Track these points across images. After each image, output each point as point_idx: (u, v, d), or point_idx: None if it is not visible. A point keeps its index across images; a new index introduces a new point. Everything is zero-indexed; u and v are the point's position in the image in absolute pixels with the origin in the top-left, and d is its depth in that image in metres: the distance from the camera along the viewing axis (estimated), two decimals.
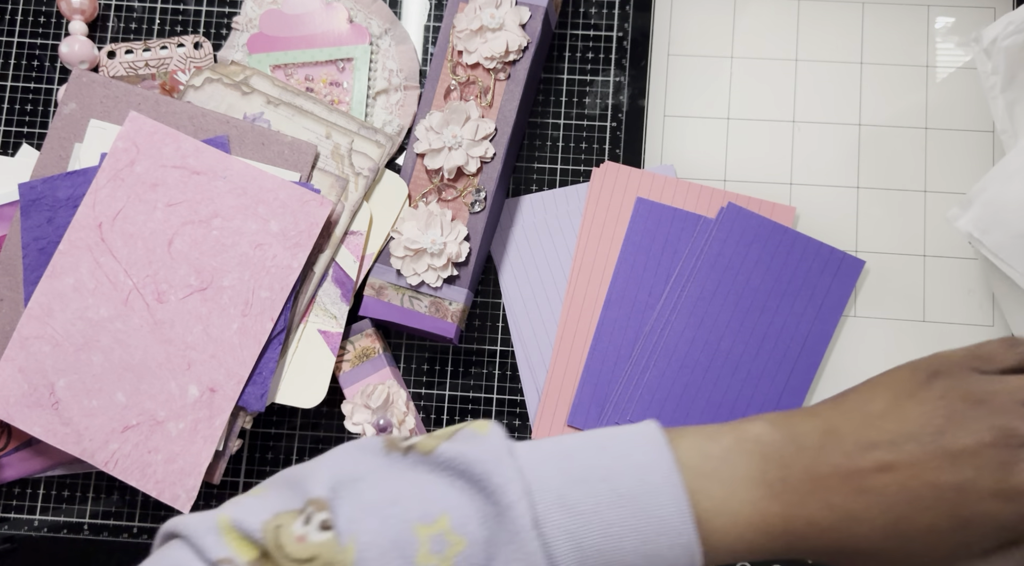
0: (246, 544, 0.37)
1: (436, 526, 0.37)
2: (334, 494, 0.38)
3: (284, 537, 0.36)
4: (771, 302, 0.61)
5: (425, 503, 0.37)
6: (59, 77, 0.67)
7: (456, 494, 0.38)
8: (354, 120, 0.62)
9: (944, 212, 0.63)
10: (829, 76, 0.65)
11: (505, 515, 0.36)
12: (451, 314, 0.60)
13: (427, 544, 0.36)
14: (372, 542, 0.36)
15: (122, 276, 0.58)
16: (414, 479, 0.39)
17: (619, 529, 0.37)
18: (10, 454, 0.61)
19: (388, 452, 0.40)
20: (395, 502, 0.37)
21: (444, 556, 0.36)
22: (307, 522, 0.37)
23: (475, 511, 0.37)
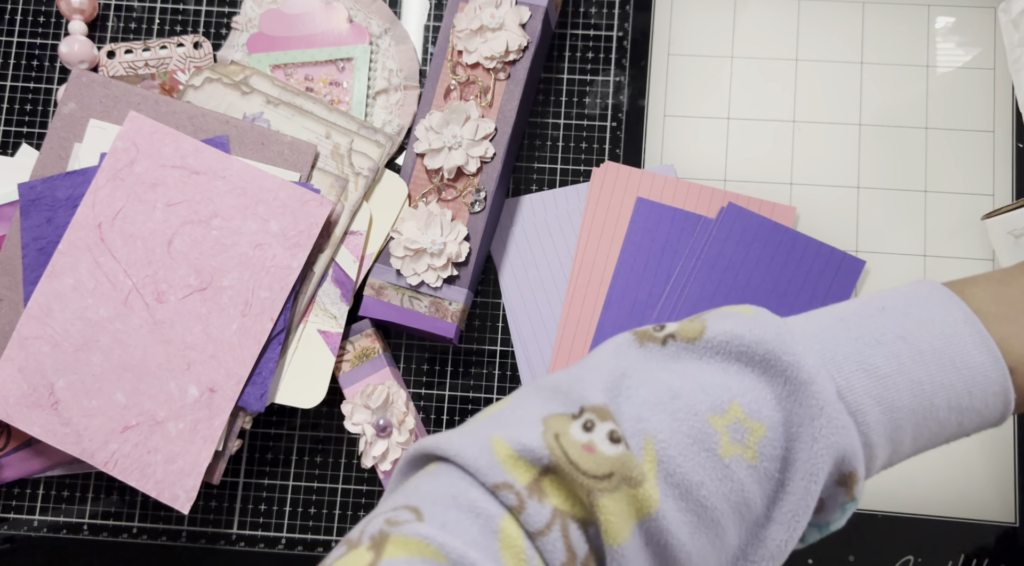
0: (524, 464, 0.35)
1: (729, 415, 0.35)
2: (610, 397, 0.36)
3: (572, 450, 0.34)
4: (771, 302, 0.61)
5: (709, 393, 0.36)
6: (59, 77, 0.67)
7: (737, 378, 0.36)
8: (354, 120, 0.62)
9: (944, 212, 0.63)
10: (829, 76, 0.65)
11: (804, 391, 0.35)
12: (451, 314, 0.60)
13: (726, 434, 0.35)
14: (670, 440, 0.35)
15: (122, 276, 0.58)
16: (683, 369, 0.37)
17: (930, 386, 0.36)
18: (10, 454, 0.61)
19: (643, 344, 0.38)
20: (676, 395, 0.36)
21: (746, 444, 0.35)
22: (587, 429, 0.35)
23: (768, 393, 0.36)
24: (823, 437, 0.34)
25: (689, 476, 0.34)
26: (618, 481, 0.34)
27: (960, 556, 0.60)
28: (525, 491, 0.34)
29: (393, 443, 0.58)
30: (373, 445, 0.58)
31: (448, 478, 0.35)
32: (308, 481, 0.63)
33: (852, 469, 0.35)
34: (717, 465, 0.35)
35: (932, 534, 0.61)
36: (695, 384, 0.36)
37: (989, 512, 0.61)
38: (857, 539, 0.61)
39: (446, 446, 0.36)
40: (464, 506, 0.34)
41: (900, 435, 0.36)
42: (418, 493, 0.35)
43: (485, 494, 0.34)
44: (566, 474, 0.34)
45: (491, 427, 0.36)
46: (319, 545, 0.62)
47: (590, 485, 0.34)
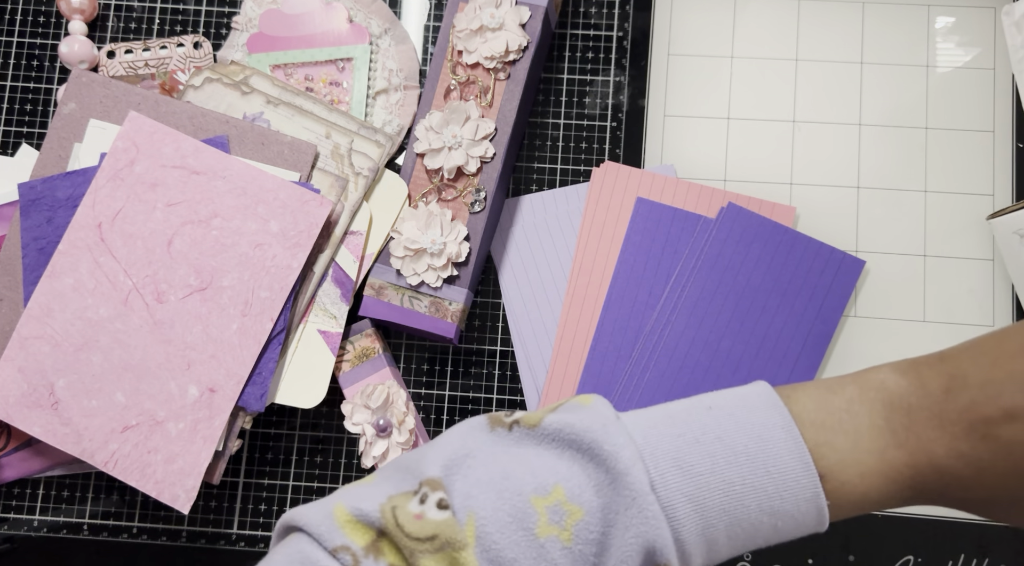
0: (361, 528, 0.37)
1: (551, 497, 0.37)
2: (447, 472, 0.38)
3: (402, 516, 0.36)
4: (771, 302, 0.61)
5: (537, 476, 0.37)
6: (59, 77, 0.67)
7: (567, 464, 0.38)
8: (354, 120, 0.62)
9: (944, 212, 0.63)
10: (829, 76, 0.65)
11: (620, 481, 0.36)
12: (451, 314, 0.60)
13: (545, 515, 0.36)
14: (491, 517, 0.36)
15: (122, 276, 0.58)
16: (521, 453, 0.39)
17: (740, 488, 0.37)
18: (10, 454, 0.61)
19: (492, 428, 0.40)
20: (507, 476, 0.37)
21: (563, 526, 0.36)
22: (423, 502, 0.37)
23: (588, 479, 0.37)
24: (634, 526, 0.36)
25: (503, 553, 0.36)
26: (441, 543, 0.36)
27: (960, 556, 0.60)
28: (361, 552, 0.36)
29: (393, 443, 0.58)
30: (373, 445, 0.58)
31: (298, 544, 0.37)
32: (308, 481, 0.63)
33: (665, 562, 0.36)
34: (532, 544, 0.36)
35: (932, 534, 0.61)
36: (527, 467, 0.38)
37: None
38: (857, 539, 0.61)
39: (297, 516, 0.38)
40: (309, 562, 0.36)
41: (713, 533, 0.37)
42: (271, 561, 0.38)
43: (327, 556, 0.37)
44: (393, 536, 0.36)
45: (337, 497, 0.39)
46: None
47: (412, 546, 0.36)
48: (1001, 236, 0.60)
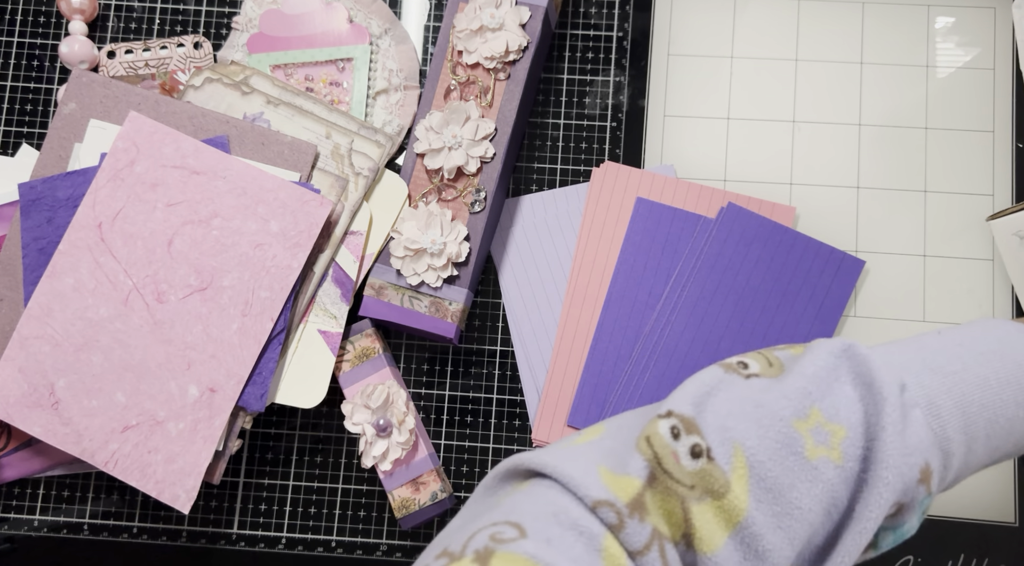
0: (623, 481, 0.36)
1: (811, 420, 0.37)
2: (696, 410, 0.37)
3: (665, 458, 0.36)
4: (771, 302, 0.61)
5: (791, 398, 0.37)
6: (59, 77, 0.67)
7: (817, 387, 0.38)
8: (354, 120, 0.62)
9: (944, 212, 0.63)
10: (829, 76, 0.65)
11: (875, 389, 0.36)
12: (451, 314, 0.60)
13: (810, 437, 0.36)
14: (758, 445, 0.36)
15: (122, 276, 0.58)
16: (764, 386, 0.38)
17: (995, 383, 0.38)
18: (10, 454, 0.61)
19: (727, 372, 0.40)
20: (759, 404, 0.37)
21: (830, 445, 0.36)
22: (675, 436, 0.36)
23: (842, 397, 0.37)
24: (891, 425, 0.36)
25: (780, 479, 0.35)
26: (701, 492, 0.35)
27: (960, 556, 0.60)
28: (626, 509, 0.35)
29: (393, 443, 0.58)
30: (373, 445, 0.58)
31: (548, 495, 0.36)
32: (308, 481, 0.63)
33: (926, 460, 0.36)
34: (805, 467, 0.36)
35: (932, 534, 0.61)
36: (777, 393, 0.38)
37: (989, 512, 0.61)
38: None
39: (549, 463, 0.36)
40: (566, 523, 0.34)
41: (974, 430, 0.37)
42: (518, 510, 0.35)
43: (586, 512, 0.35)
44: (660, 482, 0.35)
45: (595, 454, 0.37)
46: (319, 545, 0.62)
47: (683, 493, 0.35)
48: (1001, 237, 0.60)
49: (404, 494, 0.59)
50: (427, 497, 0.59)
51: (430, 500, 0.59)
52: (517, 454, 0.39)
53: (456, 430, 0.63)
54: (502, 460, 0.40)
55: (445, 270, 0.60)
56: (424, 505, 0.59)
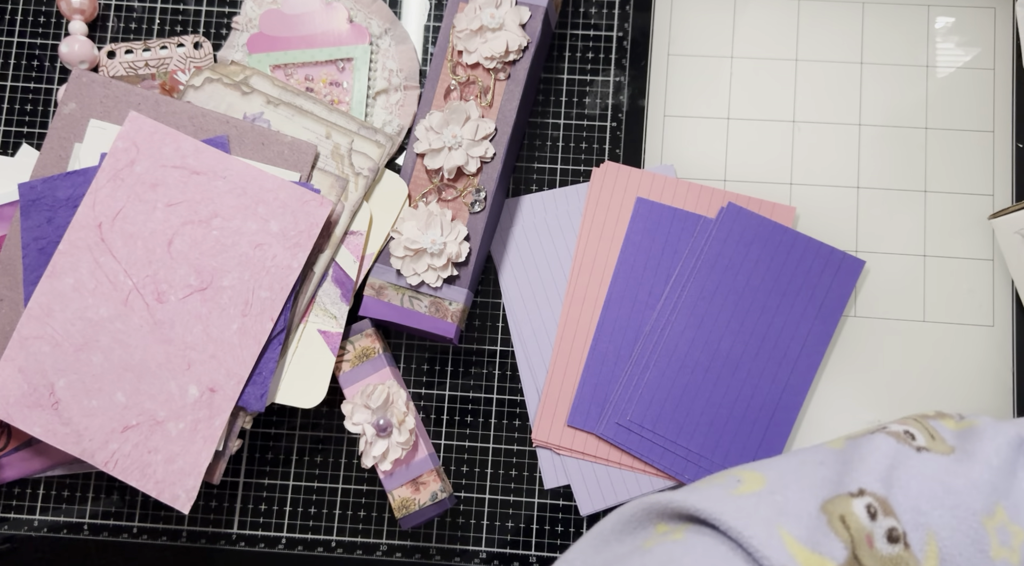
0: (815, 559, 0.34)
1: (996, 518, 0.36)
2: (886, 487, 0.36)
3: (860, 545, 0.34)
4: (771, 302, 0.61)
5: (981, 491, 0.36)
6: (59, 77, 0.67)
7: (1003, 482, 0.37)
8: (354, 120, 0.62)
9: (944, 212, 0.63)
10: (829, 76, 0.65)
11: None
12: (451, 314, 0.60)
13: (996, 536, 0.36)
14: (951, 538, 0.35)
15: (122, 276, 0.58)
16: (945, 467, 0.37)
17: None
18: (10, 454, 0.61)
19: (900, 443, 0.39)
20: (949, 491, 0.36)
21: (1011, 547, 0.36)
22: (871, 515, 0.35)
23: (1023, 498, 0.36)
24: None
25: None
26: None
27: None
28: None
29: (393, 443, 0.58)
30: (373, 445, 0.58)
31: (714, 553, 0.33)
32: (308, 481, 0.63)
33: None
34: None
35: None
36: (966, 480, 0.37)
37: None
38: None
39: (723, 515, 0.34)
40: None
41: None
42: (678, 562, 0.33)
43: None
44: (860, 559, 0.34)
45: (770, 511, 0.35)
46: (319, 545, 0.62)
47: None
48: (1002, 236, 0.60)
49: (404, 494, 0.59)
50: (427, 497, 0.59)
51: (430, 500, 0.59)
52: (663, 493, 0.36)
53: (456, 430, 0.63)
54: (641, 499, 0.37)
55: (445, 270, 0.60)
56: (424, 505, 0.59)
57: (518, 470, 0.62)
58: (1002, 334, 0.62)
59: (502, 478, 0.62)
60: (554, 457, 0.62)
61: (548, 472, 0.62)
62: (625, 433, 0.60)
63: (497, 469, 0.63)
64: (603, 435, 0.61)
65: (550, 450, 0.62)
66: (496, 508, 0.62)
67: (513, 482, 0.62)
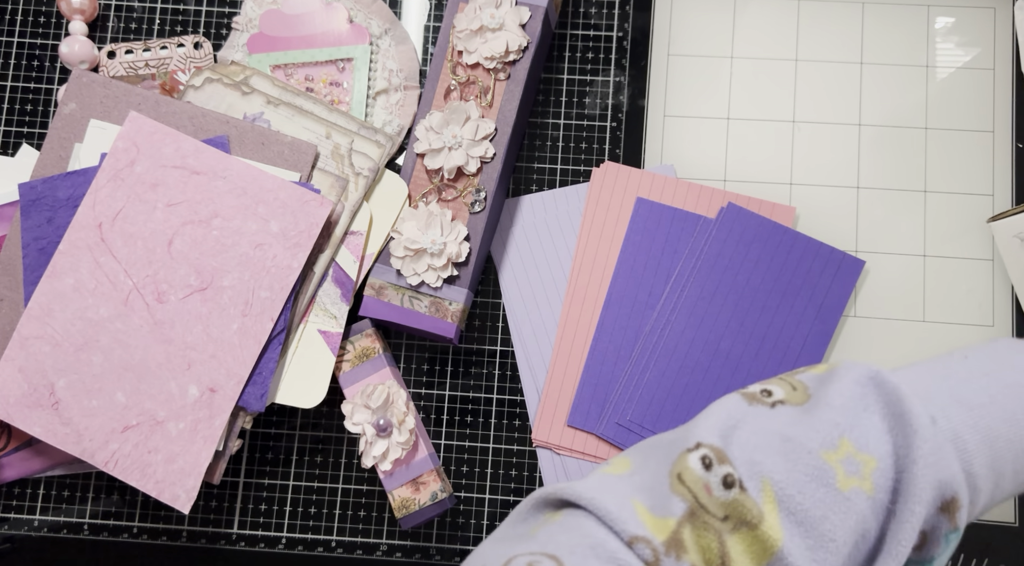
0: (660, 520, 0.35)
1: (841, 450, 0.36)
2: (724, 442, 0.37)
3: (700, 493, 0.35)
4: (771, 302, 0.61)
5: (820, 431, 0.37)
6: (59, 77, 0.67)
7: (845, 418, 0.37)
8: (354, 120, 0.62)
9: (944, 212, 0.63)
10: (829, 76, 0.65)
11: (904, 420, 0.36)
12: (451, 314, 0.60)
13: (841, 468, 0.36)
14: (787, 479, 0.36)
15: (122, 276, 0.58)
16: (791, 417, 0.38)
17: (1022, 415, 0.37)
18: (10, 454, 0.61)
19: (751, 404, 0.39)
20: (787, 439, 0.37)
21: (862, 475, 0.36)
22: (706, 466, 0.36)
23: (873, 426, 0.37)
24: (921, 458, 0.35)
25: (811, 512, 0.35)
26: (735, 523, 0.35)
27: (960, 556, 0.60)
28: (662, 547, 0.34)
29: (393, 443, 0.58)
30: (373, 445, 0.58)
31: (584, 527, 0.35)
32: (308, 481, 0.63)
33: (954, 494, 0.36)
34: (838, 498, 0.35)
35: None
36: (805, 426, 0.37)
37: (989, 512, 0.61)
38: None
39: (584, 494, 0.36)
40: (604, 556, 0.34)
41: (1001, 465, 0.37)
42: (554, 541, 0.35)
43: (623, 546, 0.35)
44: (698, 517, 0.35)
45: (627, 489, 0.37)
46: (319, 545, 0.62)
47: (718, 526, 0.35)
48: (1002, 239, 0.60)
49: (404, 494, 0.59)
50: (427, 497, 0.59)
51: (430, 500, 0.59)
52: (550, 485, 0.38)
53: (456, 430, 0.63)
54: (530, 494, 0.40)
55: (445, 270, 0.60)
56: (424, 505, 0.59)
57: (518, 470, 0.62)
58: (1002, 334, 0.62)
59: (502, 478, 0.62)
60: (554, 457, 0.62)
61: (548, 472, 0.62)
62: (625, 433, 0.60)
63: (497, 469, 0.63)
64: (603, 435, 0.61)
65: (550, 450, 0.62)
66: (496, 508, 0.62)
67: (513, 482, 0.62)
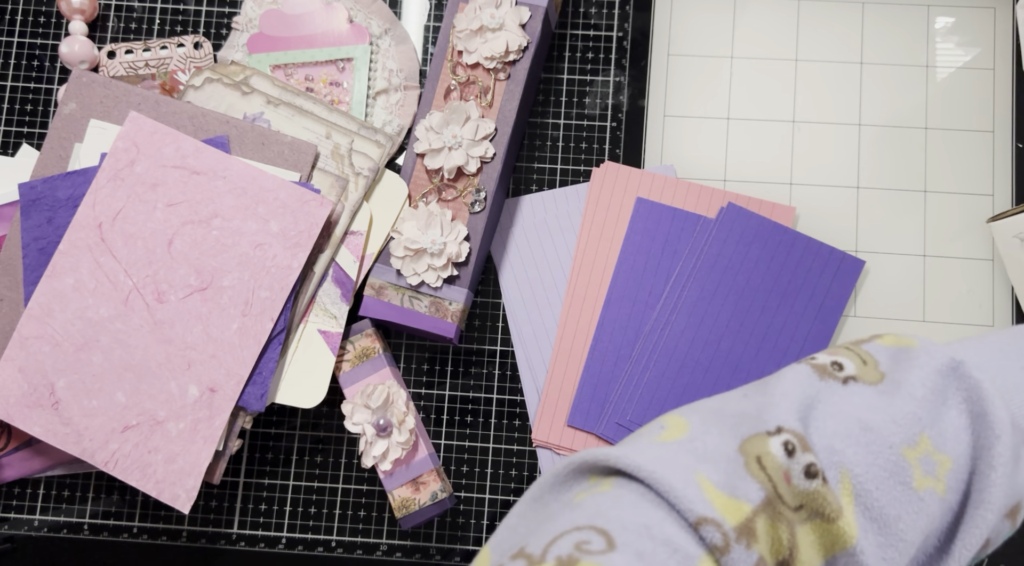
0: (733, 503, 0.33)
1: (920, 448, 0.35)
2: (804, 425, 0.35)
3: (779, 482, 0.34)
4: (771, 302, 0.61)
5: (901, 424, 0.35)
6: (59, 77, 0.67)
7: (927, 412, 0.36)
8: (354, 120, 0.62)
9: (944, 212, 0.63)
10: (829, 76, 0.65)
11: (984, 420, 0.35)
12: (451, 314, 0.60)
13: (919, 467, 0.35)
14: (867, 473, 0.34)
15: (122, 276, 0.58)
16: (869, 403, 0.37)
17: None
18: (10, 454, 0.61)
19: (823, 378, 0.38)
20: (868, 428, 0.35)
21: (937, 476, 0.35)
22: (789, 452, 0.34)
23: (951, 426, 0.36)
24: (1001, 466, 0.34)
25: (886, 510, 0.34)
26: (808, 514, 0.33)
27: None
28: (733, 533, 0.32)
29: (393, 443, 0.58)
30: (373, 445, 0.58)
31: (640, 504, 0.33)
32: (308, 481, 0.63)
33: (1021, 499, 0.35)
34: (912, 498, 0.34)
35: None
36: (885, 416, 0.36)
37: None
38: None
39: (643, 465, 0.34)
40: (659, 539, 0.32)
41: None
42: (603, 514, 0.33)
43: (682, 530, 0.33)
44: (773, 507, 0.33)
45: (689, 459, 0.34)
46: (319, 545, 0.62)
47: (791, 516, 0.33)
48: (1001, 239, 0.60)
49: (404, 494, 0.59)
50: (427, 497, 0.59)
51: (430, 500, 0.59)
52: (594, 448, 0.36)
53: (456, 430, 0.63)
54: (572, 456, 0.37)
55: (445, 270, 0.60)
56: (424, 505, 0.59)
57: (518, 470, 0.62)
58: None
59: (502, 478, 0.62)
60: (554, 457, 0.62)
61: None
62: (625, 433, 0.60)
63: (497, 469, 0.63)
64: (603, 435, 0.61)
65: (550, 450, 0.62)
66: (496, 508, 0.62)
67: (513, 482, 0.62)
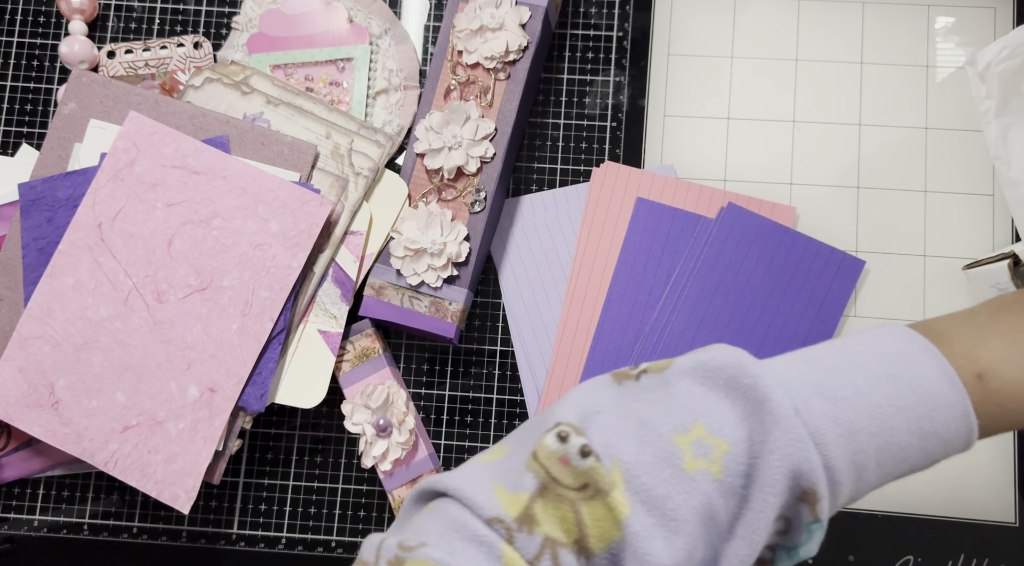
0: (512, 497, 0.37)
1: (692, 434, 0.37)
2: (583, 424, 0.38)
3: (553, 467, 0.36)
4: (771, 302, 0.61)
5: (672, 416, 0.37)
6: (59, 77, 0.67)
7: (702, 401, 0.38)
8: (354, 120, 0.62)
9: (944, 212, 0.63)
10: (829, 76, 0.65)
11: (763, 408, 0.36)
12: (451, 314, 0.60)
13: (690, 450, 0.36)
14: (635, 460, 0.36)
15: (122, 276, 0.58)
16: (652, 399, 0.38)
17: (888, 409, 0.37)
18: (10, 454, 0.61)
19: (619, 383, 0.40)
20: (643, 423, 0.37)
21: (711, 458, 0.36)
22: (562, 440, 0.36)
23: (728, 412, 0.37)
24: (779, 448, 0.36)
25: (654, 490, 0.36)
26: (592, 491, 0.36)
27: (960, 556, 0.60)
28: (515, 524, 0.36)
29: (393, 443, 0.58)
30: (373, 445, 0.58)
31: (450, 512, 0.37)
32: (308, 481, 0.63)
33: (811, 485, 0.36)
34: (683, 478, 0.36)
35: (932, 534, 0.61)
36: (661, 410, 0.38)
37: (989, 512, 0.61)
38: (857, 539, 0.61)
39: (450, 484, 0.38)
40: (467, 536, 0.36)
41: (863, 459, 0.37)
42: (424, 530, 0.37)
43: (484, 525, 0.36)
44: (550, 491, 0.36)
45: (493, 473, 0.38)
46: (319, 545, 0.62)
47: (572, 496, 0.36)
48: (978, 287, 0.60)
49: (404, 494, 0.59)
50: None
51: None
52: (427, 477, 0.40)
53: (456, 430, 0.63)
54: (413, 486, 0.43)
55: (445, 270, 0.60)
56: None
57: None
58: None
59: None
60: None
61: None
62: None
63: None
64: None
65: None
66: None
67: None
